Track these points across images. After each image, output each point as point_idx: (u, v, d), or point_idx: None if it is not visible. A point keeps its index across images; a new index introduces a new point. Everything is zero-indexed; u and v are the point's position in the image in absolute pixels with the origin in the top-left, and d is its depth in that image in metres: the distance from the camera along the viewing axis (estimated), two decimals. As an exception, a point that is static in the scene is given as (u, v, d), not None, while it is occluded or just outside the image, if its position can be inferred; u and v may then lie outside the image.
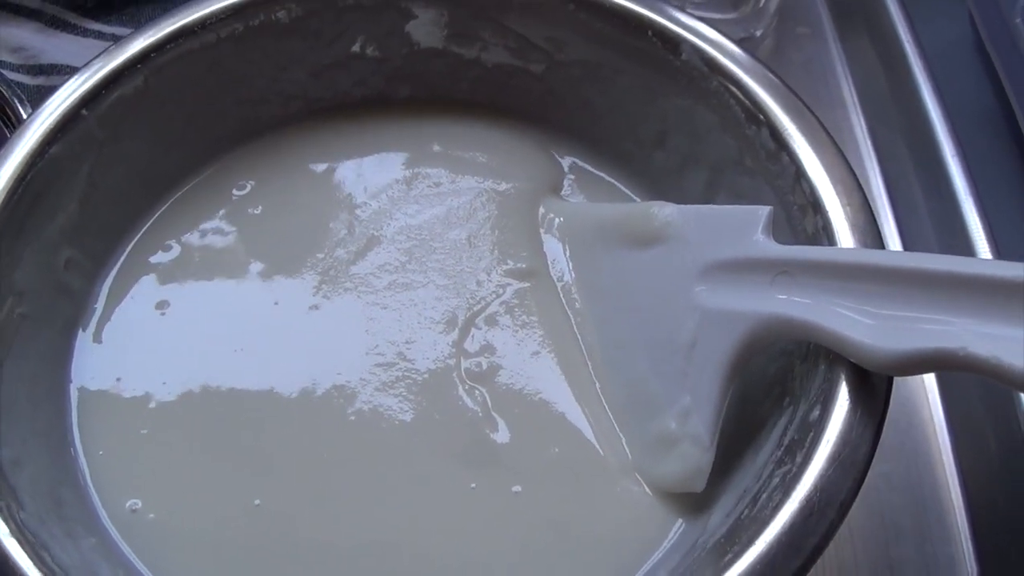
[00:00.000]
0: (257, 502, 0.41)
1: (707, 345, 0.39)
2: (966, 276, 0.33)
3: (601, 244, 0.46)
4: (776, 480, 0.35)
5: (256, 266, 0.48)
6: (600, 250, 0.46)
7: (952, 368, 0.33)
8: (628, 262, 0.44)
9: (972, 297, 0.32)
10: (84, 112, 0.45)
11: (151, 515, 0.41)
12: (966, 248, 0.53)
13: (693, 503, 0.41)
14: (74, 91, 0.45)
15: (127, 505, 0.41)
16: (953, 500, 0.49)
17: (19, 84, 0.58)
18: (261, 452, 0.43)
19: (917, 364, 0.33)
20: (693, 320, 0.40)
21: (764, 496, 0.35)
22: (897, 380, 0.37)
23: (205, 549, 0.41)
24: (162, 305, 0.47)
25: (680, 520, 0.41)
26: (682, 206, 0.43)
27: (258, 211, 0.50)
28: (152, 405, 0.44)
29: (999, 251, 0.52)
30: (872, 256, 0.37)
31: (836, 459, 0.35)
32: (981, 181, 0.56)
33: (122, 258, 0.48)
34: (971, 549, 0.48)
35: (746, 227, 0.39)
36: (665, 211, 0.43)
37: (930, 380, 0.53)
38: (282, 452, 0.43)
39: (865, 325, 0.34)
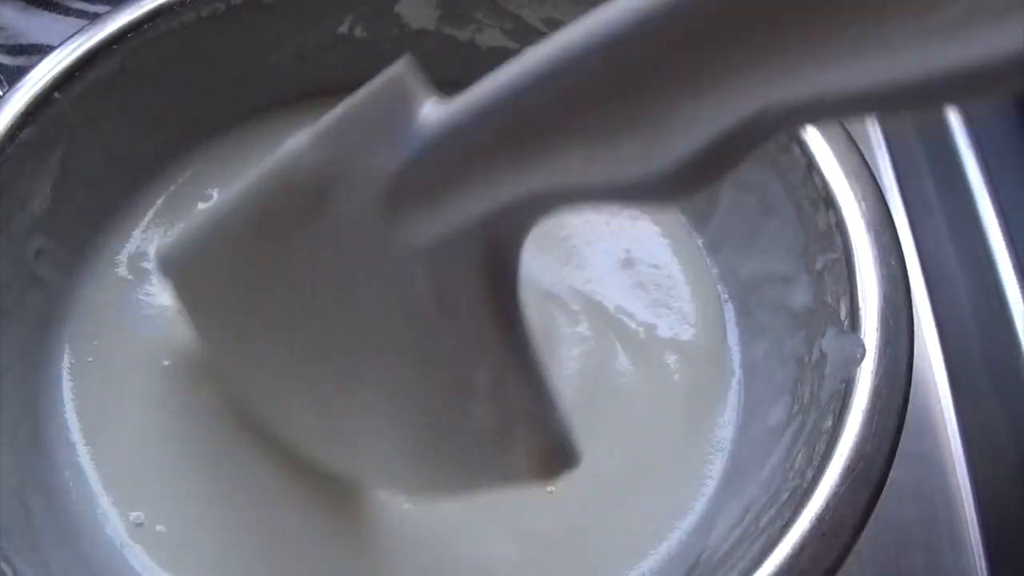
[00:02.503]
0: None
1: (456, 290, 0.29)
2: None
3: (233, 269, 0.36)
4: (785, 495, 0.34)
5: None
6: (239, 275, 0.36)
7: (763, 139, 0.23)
8: (295, 258, 0.33)
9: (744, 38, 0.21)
10: (57, 95, 0.43)
11: (158, 527, 0.39)
12: (981, 243, 0.51)
13: (692, 512, 0.39)
14: (47, 73, 0.43)
15: (130, 517, 0.39)
16: (965, 509, 0.48)
17: (-2, 64, 0.57)
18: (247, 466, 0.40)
19: (713, 161, 0.23)
20: (419, 272, 0.29)
21: (772, 512, 0.34)
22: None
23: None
24: (144, 297, 0.45)
25: (679, 530, 0.39)
26: (316, 126, 0.32)
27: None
28: (125, 404, 0.42)
29: (1015, 247, 0.51)
30: (542, 53, 0.25)
31: (850, 474, 0.33)
32: (996, 173, 0.54)
33: (100, 248, 0.46)
34: (984, 562, 0.46)
35: (395, 111, 0.29)
36: (303, 154, 0.31)
37: (942, 379, 0.52)
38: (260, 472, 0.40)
39: (606, 152, 0.24)
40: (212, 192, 0.48)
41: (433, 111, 0.28)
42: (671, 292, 0.45)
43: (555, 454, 0.30)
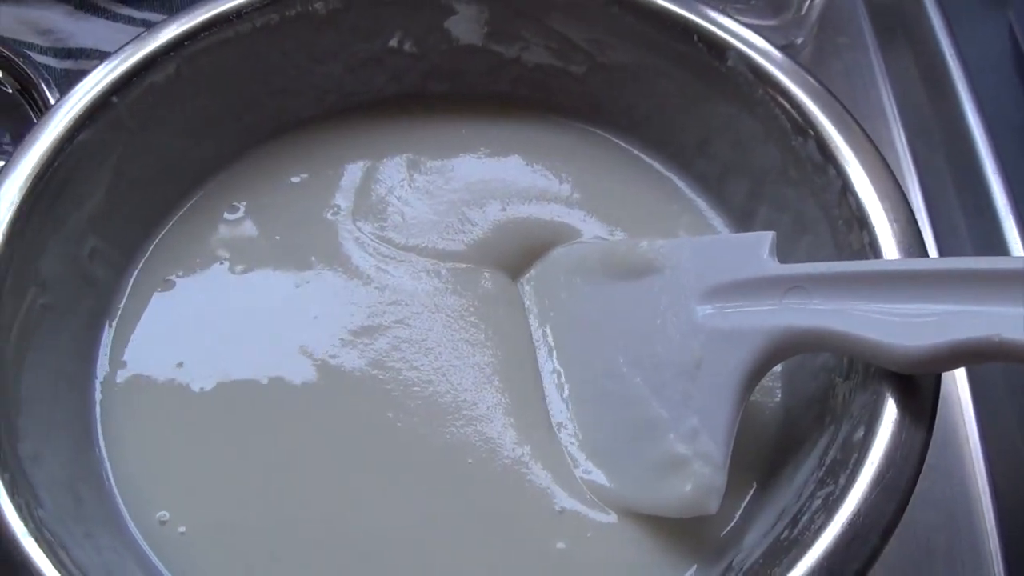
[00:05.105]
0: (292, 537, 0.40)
1: (716, 364, 0.38)
2: (992, 271, 0.33)
3: (582, 278, 0.45)
4: (818, 501, 0.35)
5: (291, 264, 0.47)
6: (580, 285, 0.45)
7: (986, 359, 0.33)
8: (617, 292, 0.44)
9: (1001, 289, 0.32)
10: (114, 99, 0.44)
11: (181, 528, 0.40)
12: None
13: (727, 519, 0.40)
14: (104, 77, 0.44)
15: (156, 516, 0.40)
16: (986, 520, 0.48)
17: (46, 67, 0.57)
18: (300, 461, 0.41)
19: (949, 358, 0.33)
20: (697, 341, 0.39)
21: (805, 517, 0.35)
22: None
23: (236, 566, 0.39)
24: (184, 305, 0.46)
25: (713, 538, 0.40)
26: (674, 240, 0.45)
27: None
28: (178, 405, 0.43)
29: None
30: (891, 264, 0.37)
31: (880, 481, 0.34)
32: (1023, 201, 0.55)
33: (151, 249, 0.47)
34: (1003, 571, 0.47)
35: (751, 250, 0.39)
36: (656, 243, 0.43)
37: (966, 396, 0.52)
38: (323, 464, 0.41)
39: (889, 324, 0.34)
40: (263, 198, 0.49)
41: (771, 259, 0.39)
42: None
43: (710, 495, 0.37)
